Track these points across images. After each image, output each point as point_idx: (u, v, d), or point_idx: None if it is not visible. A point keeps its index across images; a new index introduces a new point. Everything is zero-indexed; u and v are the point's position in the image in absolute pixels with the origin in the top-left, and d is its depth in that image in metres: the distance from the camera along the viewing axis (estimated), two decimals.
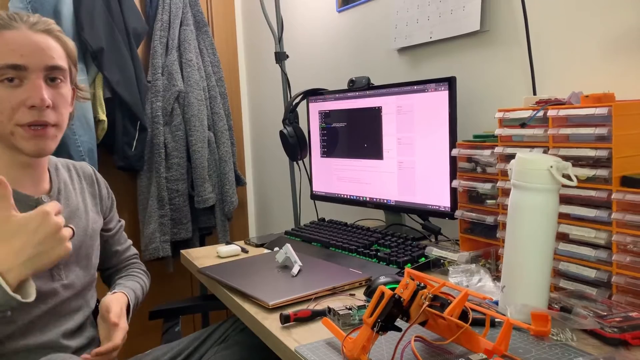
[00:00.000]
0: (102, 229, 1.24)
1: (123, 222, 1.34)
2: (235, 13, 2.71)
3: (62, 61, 1.03)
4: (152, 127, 2.27)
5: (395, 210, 1.55)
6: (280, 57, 2.03)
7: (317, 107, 1.74)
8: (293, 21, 2.25)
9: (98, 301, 1.22)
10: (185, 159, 2.34)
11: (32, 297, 0.86)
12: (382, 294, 0.74)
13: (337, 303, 0.96)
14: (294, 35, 2.26)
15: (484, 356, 0.70)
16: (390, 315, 0.73)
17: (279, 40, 2.02)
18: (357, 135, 1.59)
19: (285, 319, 0.93)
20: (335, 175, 1.70)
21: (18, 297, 0.82)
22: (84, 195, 1.19)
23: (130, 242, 1.37)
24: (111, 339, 1.05)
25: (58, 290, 1.05)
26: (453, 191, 1.30)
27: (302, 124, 1.78)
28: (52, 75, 1.01)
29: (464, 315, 0.76)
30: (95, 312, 1.17)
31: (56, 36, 1.04)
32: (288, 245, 1.25)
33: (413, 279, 0.77)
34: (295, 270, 1.18)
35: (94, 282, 1.18)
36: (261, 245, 1.55)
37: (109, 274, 1.34)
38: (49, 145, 1.01)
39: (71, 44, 1.07)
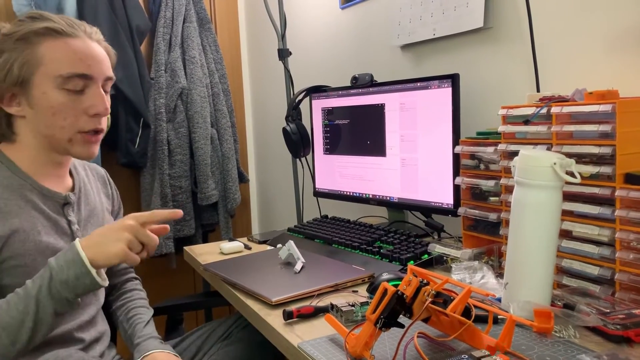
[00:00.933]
0: None
1: None
2: (238, 10, 2.71)
3: (111, 71, 1.09)
4: (155, 124, 2.28)
5: (398, 207, 1.54)
6: (283, 54, 2.02)
7: (320, 104, 1.74)
8: (296, 18, 2.25)
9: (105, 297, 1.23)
10: (188, 156, 2.35)
11: (106, 282, 0.95)
12: (385, 291, 0.74)
13: (339, 300, 0.96)
14: (297, 32, 2.26)
15: (487, 353, 0.70)
16: (393, 311, 0.73)
17: (282, 37, 2.02)
18: (360, 132, 1.59)
19: (288, 316, 0.93)
20: (338, 172, 1.70)
21: (99, 279, 0.92)
22: (99, 195, 1.22)
23: None
24: None
25: None
26: (456, 188, 1.30)
27: (305, 121, 1.78)
28: (106, 86, 1.07)
29: (466, 312, 0.76)
30: (104, 306, 1.19)
31: (105, 46, 1.09)
32: (291, 242, 1.25)
33: (416, 276, 0.77)
34: (298, 266, 1.19)
35: None
36: (264, 242, 1.56)
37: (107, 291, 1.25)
38: (97, 150, 1.09)
39: (112, 52, 1.12)
